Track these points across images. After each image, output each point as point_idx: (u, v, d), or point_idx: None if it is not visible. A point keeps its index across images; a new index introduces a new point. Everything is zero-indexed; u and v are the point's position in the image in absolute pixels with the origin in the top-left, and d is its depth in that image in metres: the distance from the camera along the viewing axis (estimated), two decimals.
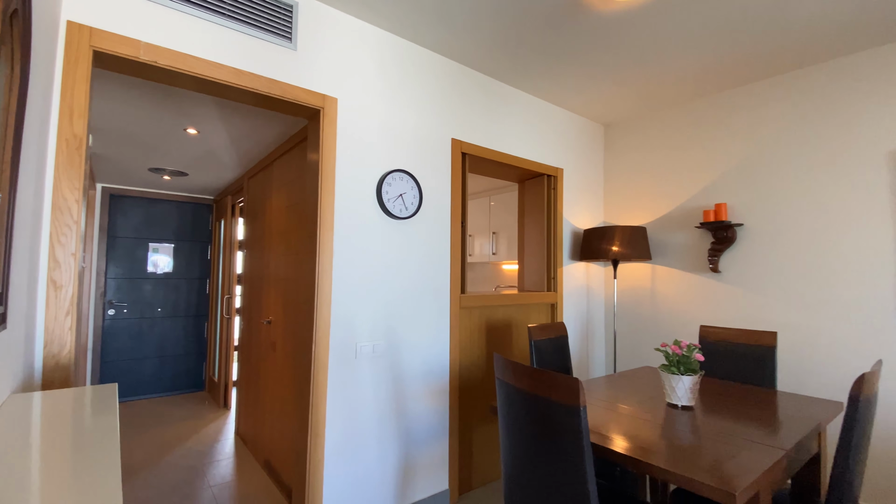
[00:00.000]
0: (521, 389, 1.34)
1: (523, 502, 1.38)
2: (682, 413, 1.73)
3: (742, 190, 2.86)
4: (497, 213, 4.58)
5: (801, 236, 2.60)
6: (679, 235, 3.17)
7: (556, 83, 2.89)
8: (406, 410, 2.34)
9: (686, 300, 3.10)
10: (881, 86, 2.35)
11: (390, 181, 2.27)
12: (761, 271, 2.75)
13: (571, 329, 3.33)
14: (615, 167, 3.60)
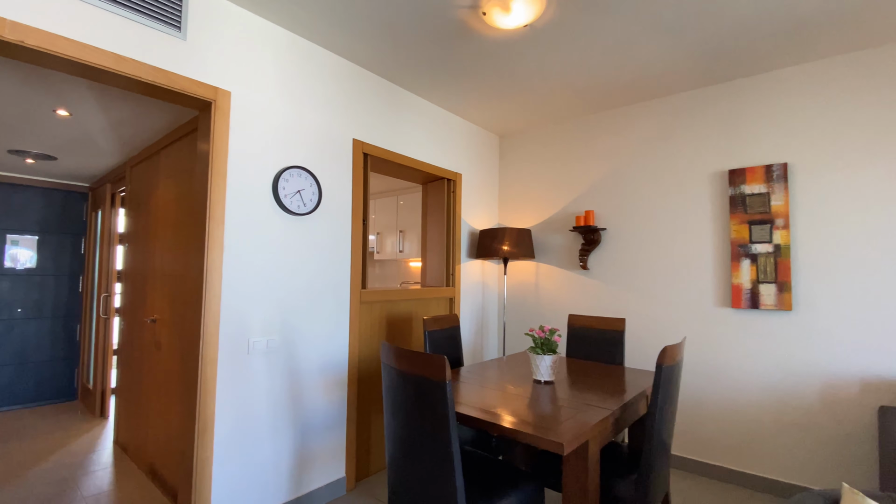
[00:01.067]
0: (401, 371, 1.51)
1: (403, 472, 1.55)
2: (544, 387, 2.04)
3: (606, 199, 3.35)
4: (405, 212, 4.74)
5: (648, 239, 3.13)
6: (558, 237, 3.60)
7: (455, 95, 3.13)
8: (303, 403, 2.40)
9: (563, 293, 3.54)
10: (703, 120, 2.94)
11: (287, 177, 2.31)
12: (619, 268, 3.26)
13: (467, 320, 3.62)
14: (509, 174, 3.97)
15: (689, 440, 2.90)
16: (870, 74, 2.41)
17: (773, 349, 2.63)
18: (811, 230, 2.54)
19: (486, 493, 1.60)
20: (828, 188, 2.50)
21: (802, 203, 2.57)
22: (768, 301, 2.62)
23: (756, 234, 2.67)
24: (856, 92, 2.44)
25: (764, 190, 2.66)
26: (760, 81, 2.74)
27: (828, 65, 2.53)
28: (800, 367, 2.54)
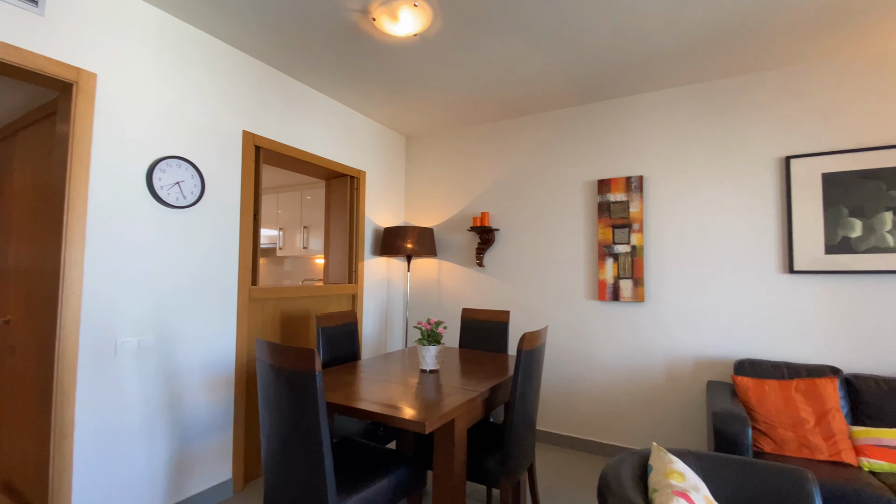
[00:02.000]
0: (274, 366, 1.55)
1: (278, 467, 1.59)
2: (429, 375, 2.18)
3: (500, 202, 3.61)
4: (311, 207, 4.66)
5: (534, 239, 3.44)
6: (458, 236, 3.81)
7: (357, 93, 3.17)
8: (183, 405, 2.30)
9: (462, 289, 3.76)
10: (578, 135, 3.30)
11: (164, 168, 2.20)
12: (510, 265, 3.54)
13: (371, 316, 3.68)
14: (415, 174, 4.09)
15: (563, 418, 3.26)
16: (705, 103, 2.89)
17: (630, 335, 3.05)
18: (659, 233, 2.99)
19: (361, 478, 1.69)
20: (672, 197, 2.96)
21: (653, 210, 3.01)
22: (626, 294, 3.03)
23: (618, 236, 3.08)
24: (694, 117, 2.92)
25: (624, 198, 3.07)
26: (623, 103, 3.15)
27: (674, 93, 2.98)
28: (650, 350, 2.98)
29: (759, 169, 2.71)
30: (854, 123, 2.50)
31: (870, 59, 2.48)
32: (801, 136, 2.61)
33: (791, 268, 2.57)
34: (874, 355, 2.41)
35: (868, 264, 2.40)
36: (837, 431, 2.13)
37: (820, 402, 2.20)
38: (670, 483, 1.33)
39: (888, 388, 2.21)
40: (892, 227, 2.36)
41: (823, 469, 1.98)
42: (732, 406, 2.17)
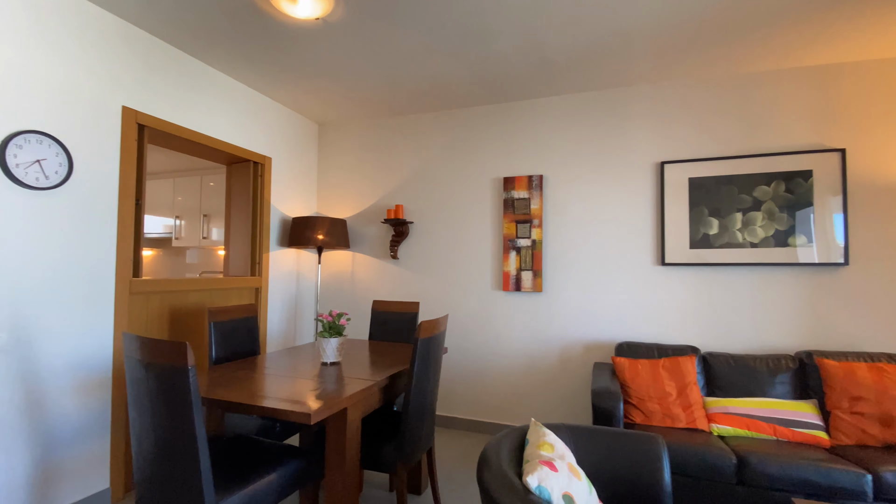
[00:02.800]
0: (142, 361, 1.44)
1: (149, 470, 1.48)
2: (330, 368, 2.15)
3: (414, 195, 3.65)
4: (213, 194, 4.35)
5: (446, 232, 3.53)
6: (373, 228, 3.78)
7: (262, 75, 3.01)
8: (46, 409, 2.05)
9: (376, 281, 3.74)
10: (488, 133, 3.44)
11: (21, 143, 1.93)
12: (423, 258, 3.60)
13: (278, 310, 3.53)
14: (329, 163, 3.98)
15: (469, 403, 3.40)
16: (596, 110, 3.15)
17: (530, 323, 3.25)
18: (556, 229, 3.21)
19: (245, 475, 1.63)
20: (567, 196, 3.20)
21: (551, 207, 3.23)
22: (527, 285, 3.23)
23: (520, 230, 3.26)
24: (587, 123, 3.17)
25: (526, 195, 3.25)
26: (527, 106, 3.33)
27: (570, 99, 3.21)
28: (547, 335, 3.21)
29: (640, 172, 3.02)
30: (716, 135, 2.88)
31: (729, 80, 2.87)
32: (673, 145, 2.95)
33: (663, 261, 2.91)
34: (726, 335, 2.81)
35: (722, 257, 2.79)
36: (694, 402, 2.46)
37: (681, 378, 2.53)
38: (540, 454, 1.45)
39: (735, 363, 2.60)
40: (741, 225, 2.77)
41: (681, 435, 2.28)
42: (609, 384, 2.41)
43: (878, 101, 2.59)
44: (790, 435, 2.24)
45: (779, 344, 2.71)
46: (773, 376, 2.49)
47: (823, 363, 2.35)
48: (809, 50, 2.54)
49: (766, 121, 2.78)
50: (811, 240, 2.64)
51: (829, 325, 2.63)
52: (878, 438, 2.14)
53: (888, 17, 2.21)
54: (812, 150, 2.66)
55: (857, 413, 2.20)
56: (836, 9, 2.16)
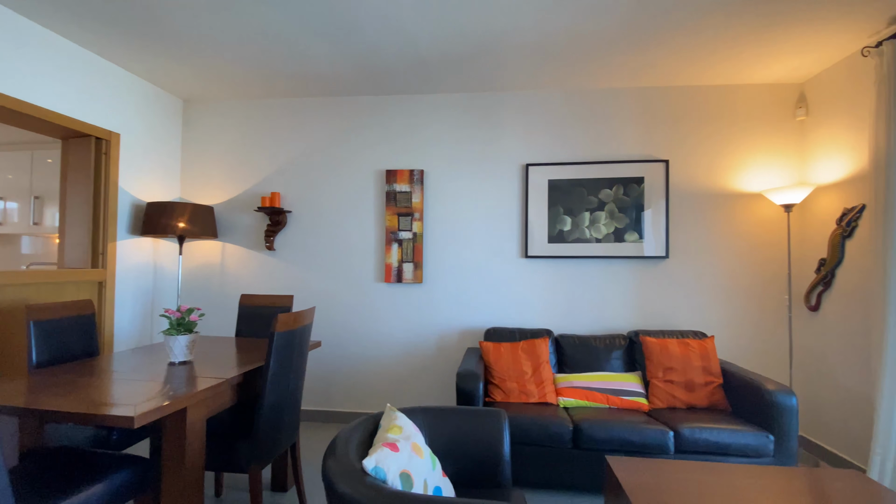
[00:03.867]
0: None
1: None
2: (179, 368, 1.98)
3: (293, 183, 3.50)
4: (49, 173, 3.69)
5: (328, 223, 3.46)
6: (245, 217, 3.55)
7: (107, 38, 2.62)
8: None
9: (249, 274, 3.52)
10: (372, 124, 3.43)
11: None
12: (303, 249, 3.48)
13: (129, 306, 3.14)
14: (195, 144, 3.63)
15: (351, 395, 3.39)
16: (472, 111, 3.32)
17: (411, 313, 3.35)
18: (435, 222, 3.34)
19: (62, 489, 1.45)
20: (446, 191, 3.34)
21: (431, 201, 3.35)
22: (408, 276, 3.31)
23: (402, 223, 3.32)
24: (465, 122, 3.33)
25: (408, 189, 3.32)
26: (410, 100, 3.39)
27: (449, 98, 3.35)
28: (426, 324, 3.33)
29: (510, 173, 3.26)
30: (571, 142, 3.22)
31: (582, 94, 3.22)
32: (537, 149, 3.24)
33: (527, 253, 3.19)
34: (576, 319, 3.19)
35: (574, 251, 3.15)
36: (546, 379, 2.75)
37: (536, 358, 2.81)
38: (387, 437, 1.51)
39: (580, 342, 2.95)
40: (589, 223, 3.15)
41: (533, 409, 2.54)
42: (474, 367, 2.59)
43: (691, 120, 3.13)
44: (619, 402, 2.63)
45: (616, 325, 3.15)
46: (609, 353, 2.89)
47: (645, 340, 2.79)
48: (643, 73, 2.97)
49: (609, 132, 3.19)
50: (642, 236, 3.10)
51: (654, 308, 3.13)
52: (684, 401, 2.61)
53: (695, 51, 2.68)
54: (644, 159, 3.13)
55: (669, 381, 2.66)
56: (663, 43, 2.55)
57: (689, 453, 2.27)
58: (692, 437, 2.24)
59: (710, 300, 3.08)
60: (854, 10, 2.21)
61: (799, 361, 3.00)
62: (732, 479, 1.68)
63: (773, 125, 3.06)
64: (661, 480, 1.64)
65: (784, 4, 2.18)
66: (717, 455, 2.25)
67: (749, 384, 2.39)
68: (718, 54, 2.68)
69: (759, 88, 3.08)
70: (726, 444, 2.22)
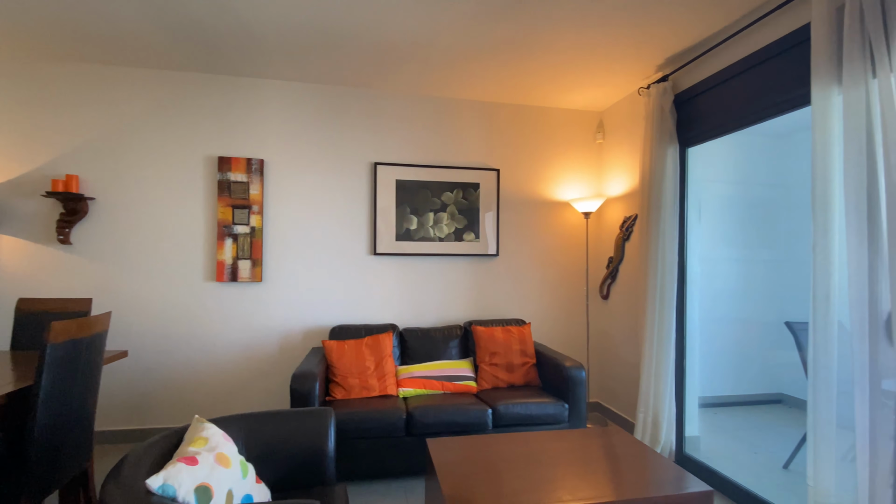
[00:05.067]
0: None
1: None
2: None
3: (97, 166, 2.96)
4: None
5: (144, 214, 3.01)
6: (29, 203, 2.89)
7: None
8: None
9: (36, 274, 2.88)
10: (199, 105, 3.09)
11: None
12: (111, 244, 2.97)
13: None
14: None
15: (177, 409, 3.03)
16: (323, 103, 3.24)
17: (249, 314, 3.13)
18: (277, 217, 3.17)
19: None
20: (290, 184, 3.20)
21: (273, 194, 3.17)
22: (245, 274, 3.09)
23: (238, 216, 3.08)
24: (314, 114, 3.22)
25: (245, 179, 3.09)
26: (249, 84, 3.15)
27: (298, 87, 3.20)
28: (267, 326, 3.15)
29: (358, 169, 3.28)
30: (418, 144, 3.37)
31: (429, 100, 3.40)
32: (385, 148, 3.32)
33: (375, 250, 3.25)
34: (420, 312, 3.36)
35: (420, 249, 3.32)
36: (388, 372, 2.85)
37: (379, 352, 2.89)
38: (187, 450, 1.40)
39: (423, 335, 3.13)
40: (433, 223, 3.34)
41: (373, 402, 2.60)
42: (311, 367, 2.54)
43: (519, 135, 3.55)
44: (453, 387, 2.87)
45: (456, 316, 3.42)
46: (447, 343, 3.12)
47: (476, 329, 3.09)
48: (480, 87, 3.25)
49: (454, 139, 3.43)
50: (479, 237, 3.42)
51: (487, 300, 3.48)
52: (505, 381, 2.96)
53: (521, 74, 3.04)
54: (481, 167, 3.44)
55: (494, 364, 2.99)
56: (493, 59, 2.83)
57: (504, 426, 2.59)
58: (506, 413, 2.57)
59: (530, 292, 3.55)
60: (634, 56, 2.76)
61: (594, 341, 3.66)
62: (529, 444, 1.98)
63: (580, 145, 3.65)
64: (470, 454, 1.85)
65: (582, 43, 2.61)
66: (527, 425, 2.62)
67: (553, 362, 2.83)
68: (538, 77, 3.08)
69: (572, 113, 3.64)
70: (533, 415, 2.60)
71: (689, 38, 2.52)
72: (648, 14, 2.27)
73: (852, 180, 1.63)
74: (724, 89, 2.45)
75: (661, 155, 2.72)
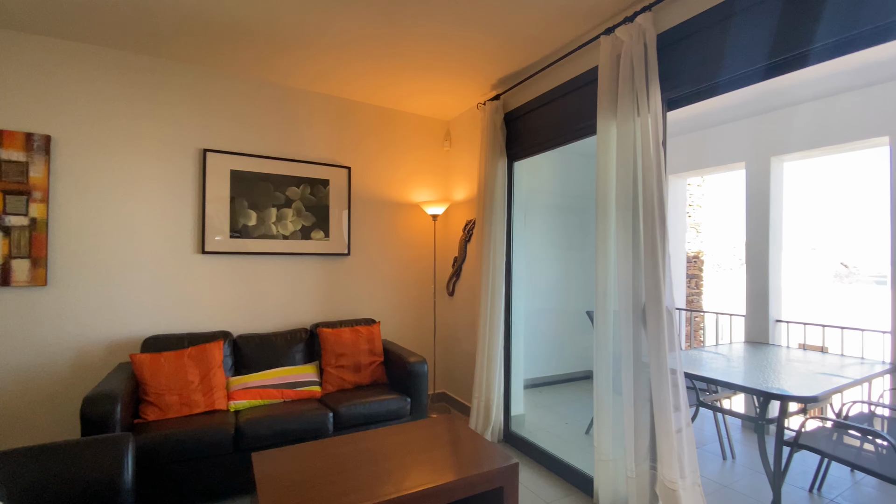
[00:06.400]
0: None
1: None
2: None
3: None
4: None
5: None
6: None
7: None
8: None
9: None
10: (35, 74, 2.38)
11: None
12: None
13: None
14: None
15: None
16: (137, 76, 2.75)
17: (27, 327, 2.50)
18: (70, 206, 2.61)
19: None
20: (90, 168, 2.65)
21: (64, 179, 2.60)
22: (21, 277, 2.46)
23: (11, 205, 2.44)
24: (125, 87, 2.72)
25: (24, 158, 2.47)
26: (31, 42, 2.52)
27: (104, 53, 2.67)
28: (54, 340, 2.56)
29: (183, 155, 2.89)
30: (258, 133, 3.12)
31: (272, 87, 3.17)
32: (218, 134, 2.99)
33: (203, 248, 2.91)
34: (261, 318, 3.13)
35: (260, 247, 3.08)
36: (217, 385, 2.57)
37: (206, 364, 2.59)
38: None
39: (262, 342, 2.91)
40: (276, 219, 3.14)
41: (196, 420, 2.32)
42: (111, 387, 2.15)
43: (371, 134, 3.56)
44: (294, 395, 2.73)
45: (302, 320, 3.27)
46: (291, 348, 2.96)
47: (322, 331, 3.00)
48: (333, 82, 3.16)
49: (300, 131, 3.27)
50: (328, 235, 3.32)
51: (337, 301, 3.40)
52: (351, 382, 2.94)
53: (367, 72, 3.04)
54: (330, 163, 3.35)
55: (340, 366, 2.94)
56: (348, 52, 2.76)
57: (348, 428, 2.58)
58: (349, 414, 2.55)
59: (381, 291, 3.60)
60: (474, 72, 2.99)
61: (441, 335, 3.88)
62: (365, 442, 1.99)
63: (430, 150, 3.83)
64: (302, 462, 1.79)
65: (430, 52, 2.73)
66: (371, 423, 2.64)
67: (399, 359, 2.91)
68: (392, 79, 3.11)
69: (423, 119, 3.79)
70: (376, 412, 2.64)
71: (515, 64, 2.83)
72: (483, 35, 2.48)
73: (622, 197, 2.03)
74: (541, 113, 2.82)
75: (493, 166, 3.01)
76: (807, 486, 2.54)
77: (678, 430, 1.85)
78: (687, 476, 1.85)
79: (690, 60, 1.92)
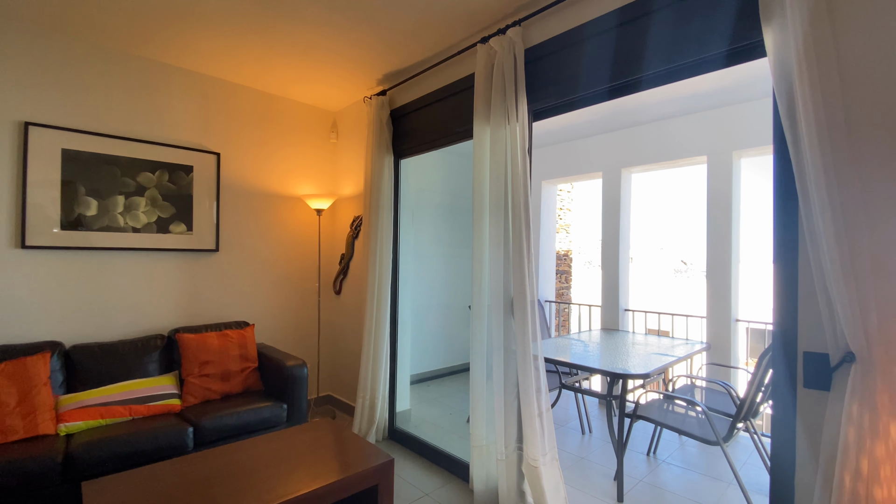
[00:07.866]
0: None
1: None
2: None
3: None
4: None
5: None
6: None
7: None
8: None
9: None
10: None
11: None
12: None
13: None
14: None
15: None
16: None
17: None
18: None
19: None
20: None
21: None
22: None
23: None
24: None
25: None
26: None
27: None
28: None
29: None
30: (101, 108, 2.66)
31: (121, 57, 2.72)
32: (43, 105, 2.48)
33: (24, 243, 2.40)
34: (104, 323, 2.68)
35: (101, 241, 2.63)
36: (41, 406, 2.14)
37: (27, 381, 2.14)
38: None
39: (104, 351, 2.50)
40: (123, 209, 2.71)
41: (15, 448, 1.91)
42: None
43: (246, 120, 3.27)
44: (145, 411, 2.39)
45: (159, 325, 2.88)
46: (142, 357, 2.59)
47: (182, 337, 2.68)
48: (203, 57, 2.82)
49: (155, 110, 2.86)
50: (191, 228, 2.97)
51: (203, 302, 3.07)
52: (219, 392, 2.67)
53: (240, 50, 2.78)
54: (194, 148, 3.00)
55: (205, 375, 2.65)
56: (221, 26, 2.47)
57: (212, 443, 2.34)
58: (213, 427, 2.32)
59: (257, 290, 3.33)
60: (359, 65, 2.91)
61: (326, 336, 3.74)
62: (231, 455, 1.83)
63: (315, 141, 3.65)
64: (146, 489, 1.57)
65: (315, 38, 2.59)
66: (241, 435, 2.43)
67: (276, 363, 2.73)
68: (272, 61, 2.87)
69: (306, 108, 3.60)
70: (247, 422, 2.44)
71: (399, 62, 2.84)
72: (367, 27, 2.43)
73: (495, 199, 2.16)
74: (426, 112, 2.87)
75: (379, 162, 2.98)
76: (645, 451, 2.99)
77: (539, 413, 2.03)
78: (547, 452, 2.04)
79: (552, 76, 2.12)
